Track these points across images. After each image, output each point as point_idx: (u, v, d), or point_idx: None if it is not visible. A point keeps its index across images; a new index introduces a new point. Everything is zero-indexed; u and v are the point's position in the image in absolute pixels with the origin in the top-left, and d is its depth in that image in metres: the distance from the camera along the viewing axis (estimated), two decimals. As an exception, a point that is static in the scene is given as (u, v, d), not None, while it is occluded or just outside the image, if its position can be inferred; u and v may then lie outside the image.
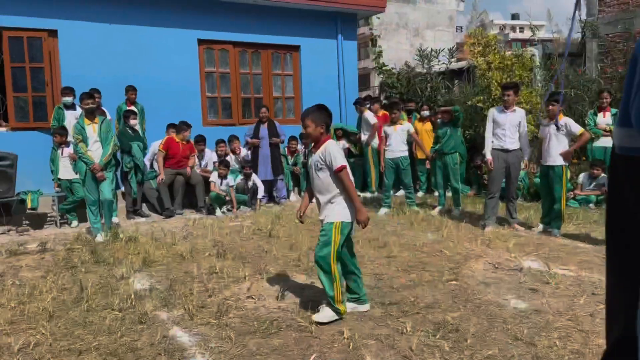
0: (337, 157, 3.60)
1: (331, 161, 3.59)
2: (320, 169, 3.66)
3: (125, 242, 6.25)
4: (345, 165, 3.60)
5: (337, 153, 3.63)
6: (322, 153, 3.65)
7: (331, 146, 3.67)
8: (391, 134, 8.04)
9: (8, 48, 8.17)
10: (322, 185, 3.67)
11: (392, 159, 8.04)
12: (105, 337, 3.52)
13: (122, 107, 8.54)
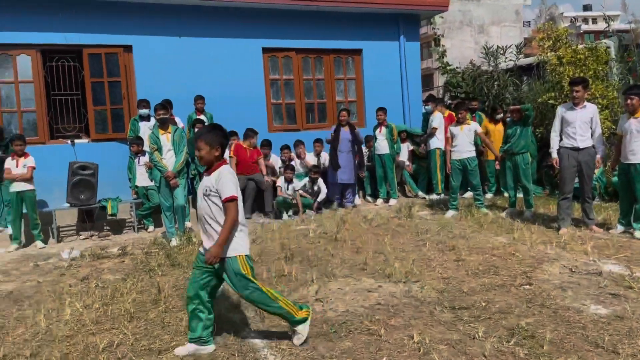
0: (229, 186, 3.27)
1: (221, 188, 3.26)
2: (209, 195, 3.32)
3: (198, 246, 6.48)
4: (236, 197, 3.26)
5: (230, 182, 3.29)
6: (216, 178, 3.31)
7: (225, 173, 3.32)
8: (457, 134, 7.88)
9: (88, 64, 8.74)
10: (211, 213, 3.31)
11: (458, 160, 7.87)
12: (182, 338, 3.67)
13: (192, 116, 8.90)
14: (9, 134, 7.99)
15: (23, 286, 5.32)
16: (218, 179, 3.29)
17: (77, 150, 8.46)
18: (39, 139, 8.56)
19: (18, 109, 8.53)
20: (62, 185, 7.80)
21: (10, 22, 8.21)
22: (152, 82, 8.91)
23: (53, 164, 7.93)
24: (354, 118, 10.92)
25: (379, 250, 5.82)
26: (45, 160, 7.75)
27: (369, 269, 5.13)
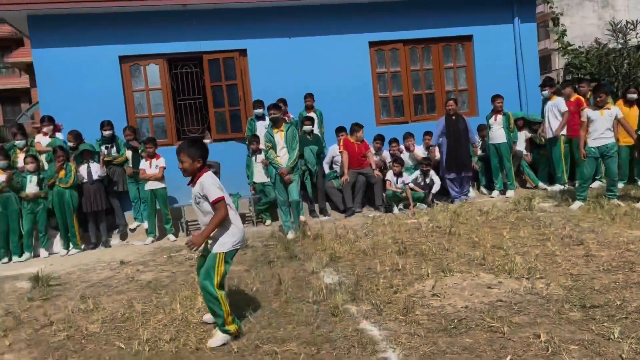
0: (212, 190, 3.64)
1: (207, 194, 3.64)
2: (199, 202, 3.74)
3: (313, 240, 6.70)
4: (221, 198, 3.64)
5: (212, 186, 3.65)
6: (200, 186, 3.67)
7: (206, 179, 3.68)
8: (596, 119, 7.24)
9: (208, 70, 9.35)
10: (202, 216, 3.80)
11: (597, 147, 7.25)
12: (304, 328, 3.84)
13: (303, 114, 9.17)
14: (143, 137, 8.81)
15: (160, 276, 5.86)
16: (202, 187, 3.66)
17: (200, 150, 9.10)
18: (167, 141, 9.33)
19: (149, 114, 9.38)
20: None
21: (140, 35, 9.03)
22: (265, 83, 9.32)
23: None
24: (465, 107, 10.56)
25: (497, 245, 5.60)
26: (174, 160, 8.32)
27: (487, 264, 4.96)
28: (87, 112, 8.55)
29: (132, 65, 9.22)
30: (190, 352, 3.61)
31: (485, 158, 9.36)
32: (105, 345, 3.90)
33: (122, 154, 8.35)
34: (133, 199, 8.41)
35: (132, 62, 9.20)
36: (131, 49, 9.06)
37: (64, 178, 7.61)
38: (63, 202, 7.61)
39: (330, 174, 9.04)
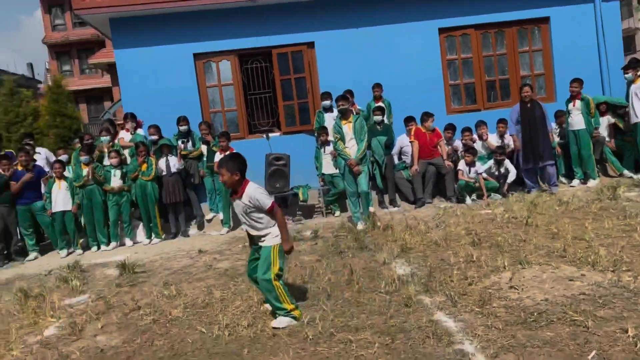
0: (263, 199, 3.86)
1: (259, 205, 3.84)
2: (249, 213, 3.91)
3: (383, 230, 6.69)
4: (273, 203, 3.88)
5: (261, 196, 3.88)
6: (249, 199, 3.86)
7: (253, 192, 3.87)
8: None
9: (277, 64, 9.52)
10: (256, 223, 3.95)
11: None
12: (377, 317, 3.86)
13: (371, 104, 9.13)
14: (216, 131, 9.12)
15: (235, 264, 6.08)
16: (251, 199, 3.86)
17: (271, 143, 9.33)
18: (239, 135, 9.62)
19: (222, 109, 9.69)
20: (260, 175, 8.64)
21: (213, 32, 9.33)
22: (333, 75, 9.37)
23: (252, 156, 8.64)
24: (542, 92, 10.09)
25: (578, 236, 5.34)
26: (245, 153, 8.43)
27: (568, 256, 4.75)
28: (165, 109, 8.97)
29: (205, 62, 9.55)
30: (268, 337, 3.73)
31: (565, 145, 8.91)
32: (187, 329, 4.11)
33: (197, 148, 8.70)
34: (209, 191, 8.74)
35: (205, 59, 9.53)
36: (204, 47, 9.39)
37: (145, 171, 8.04)
38: (145, 194, 8.05)
39: (400, 165, 8.96)
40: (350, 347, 3.40)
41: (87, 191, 7.93)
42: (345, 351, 3.36)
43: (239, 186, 3.92)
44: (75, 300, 5.23)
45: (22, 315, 4.87)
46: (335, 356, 3.31)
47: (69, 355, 3.83)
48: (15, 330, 4.47)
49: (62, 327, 4.45)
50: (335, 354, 3.34)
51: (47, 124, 18.10)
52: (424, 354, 3.19)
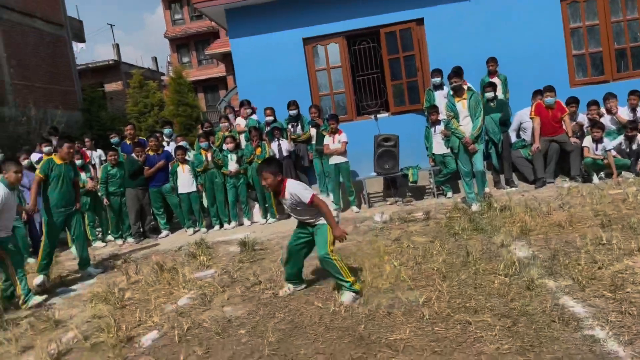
0: (303, 194, 4.17)
1: (301, 200, 4.15)
2: (295, 208, 4.29)
3: (500, 211, 6.41)
4: (314, 196, 4.16)
5: (302, 191, 4.19)
6: (291, 196, 4.20)
7: (293, 188, 4.22)
8: None
9: (385, 43, 9.43)
10: (306, 215, 4.33)
11: None
12: (496, 300, 3.74)
13: (485, 80, 8.72)
14: (325, 114, 9.27)
15: (347, 244, 6.13)
16: (292, 195, 4.19)
17: (379, 124, 9.30)
18: (348, 117, 9.70)
19: (330, 92, 9.82)
20: (369, 157, 8.68)
21: (321, 16, 9.45)
22: (443, 51, 9.07)
23: (361, 138, 8.85)
24: (685, 59, 8.98)
25: None
26: (353, 135, 8.70)
27: None
28: (276, 94, 9.28)
29: (314, 46, 9.72)
30: (383, 315, 3.77)
31: None
32: (305, 304, 4.28)
33: (306, 131, 8.92)
34: (318, 173, 8.95)
35: (314, 43, 9.70)
36: (313, 31, 9.55)
37: (260, 155, 8.41)
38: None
39: (518, 143, 8.49)
40: (469, 328, 3.34)
41: (208, 174, 8.49)
42: (464, 332, 3.30)
43: (280, 186, 4.25)
44: (203, 274, 5.66)
45: (159, 286, 5.38)
46: (454, 337, 3.27)
47: (200, 323, 4.17)
48: (153, 299, 4.96)
49: (193, 297, 4.85)
50: (453, 334, 3.30)
51: (171, 113, 19.55)
52: (549, 338, 3.04)
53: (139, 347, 3.88)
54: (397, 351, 3.19)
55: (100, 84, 25.04)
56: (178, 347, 3.78)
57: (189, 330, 4.04)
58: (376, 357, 3.16)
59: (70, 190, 6.44)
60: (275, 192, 4.35)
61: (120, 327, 4.20)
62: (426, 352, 3.14)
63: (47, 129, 13.39)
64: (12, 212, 5.55)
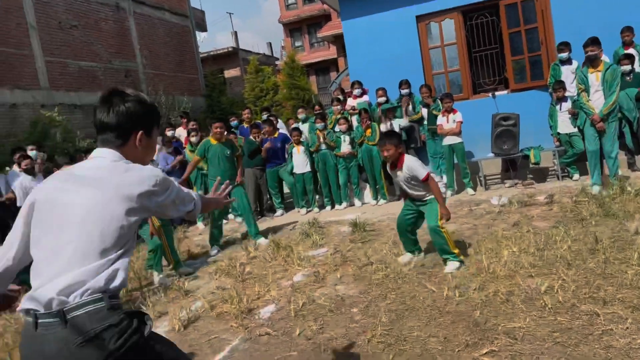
0: (419, 170, 4.46)
1: (416, 174, 4.45)
2: (409, 181, 4.56)
3: (635, 196, 5.84)
4: (428, 173, 4.43)
5: (419, 167, 4.47)
6: (408, 170, 4.48)
7: (411, 163, 4.49)
8: None
9: (505, 16, 8.88)
10: (416, 188, 4.60)
11: None
12: (629, 291, 3.44)
13: (619, 51, 7.89)
14: (439, 93, 9.01)
15: (461, 228, 6.02)
16: (409, 169, 4.47)
17: (497, 102, 8.84)
18: (463, 95, 9.33)
19: (445, 70, 9.51)
20: (486, 137, 8.30)
21: (436, -8, 9.14)
22: (571, 22, 8.33)
23: (477, 117, 8.48)
24: None
25: None
26: (470, 114, 8.35)
27: None
28: (388, 73, 9.16)
29: (427, 24, 9.44)
30: (500, 302, 3.64)
31: None
32: (417, 286, 4.26)
33: (417, 111, 8.73)
34: (432, 154, 8.75)
35: (427, 20, 9.42)
36: (427, 7, 9.26)
37: (370, 136, 8.41)
38: (371, 157, 8.44)
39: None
40: (597, 320, 3.12)
41: (320, 155, 8.68)
42: (591, 324, 3.09)
43: (399, 158, 4.52)
44: (317, 252, 5.84)
45: (275, 263, 5.66)
46: (579, 328, 3.07)
47: (315, 299, 4.33)
48: (271, 274, 5.22)
49: (307, 274, 5.03)
50: (579, 325, 3.10)
51: (284, 96, 20.22)
52: (693, 337, 2.74)
53: (258, 319, 4.12)
54: (516, 339, 3.07)
55: (220, 70, 26.52)
56: (294, 321, 3.96)
57: (304, 306, 4.21)
58: (493, 344, 3.07)
59: (228, 167, 7.00)
60: (392, 164, 4.61)
61: (241, 299, 4.49)
62: (548, 342, 2.98)
63: (177, 114, 14.55)
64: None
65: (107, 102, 1.86)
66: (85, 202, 1.68)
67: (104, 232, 1.66)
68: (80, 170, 1.79)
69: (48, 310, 1.59)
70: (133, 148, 1.88)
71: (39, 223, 1.72)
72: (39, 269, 1.67)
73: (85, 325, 1.58)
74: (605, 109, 6.29)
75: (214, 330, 4.08)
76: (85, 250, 1.64)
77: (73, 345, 1.56)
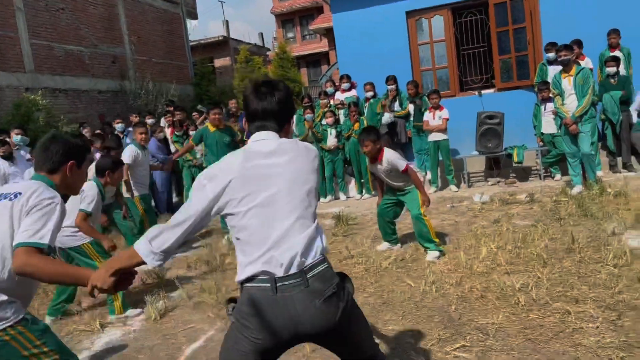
0: (398, 162, 4.64)
1: (397, 167, 4.63)
2: (389, 174, 4.74)
3: (614, 197, 5.92)
4: (407, 164, 4.66)
5: (397, 159, 4.66)
6: (388, 163, 4.65)
7: (390, 156, 4.67)
8: None
9: (494, 15, 8.92)
10: (397, 181, 4.81)
11: None
12: (602, 291, 3.50)
13: (605, 54, 7.98)
14: (426, 90, 9.03)
15: (442, 224, 6.07)
16: (389, 163, 4.63)
17: (483, 100, 8.88)
18: (450, 93, 9.37)
19: (433, 67, 9.53)
20: (471, 134, 8.35)
21: (426, -12, 9.15)
22: (559, 24, 8.37)
23: (463, 114, 8.51)
24: None
25: None
26: (456, 111, 8.39)
27: None
28: (377, 68, 9.16)
29: (417, 20, 9.45)
30: (475, 298, 3.68)
31: None
32: (396, 280, 4.29)
33: (404, 107, 8.75)
34: (417, 150, 8.78)
35: (417, 17, 9.43)
36: (417, 3, 9.27)
37: (358, 130, 8.42)
38: (358, 151, 8.45)
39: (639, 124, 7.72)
40: (568, 318, 3.17)
41: (308, 148, 8.68)
42: (562, 322, 3.14)
43: (378, 153, 4.67)
44: (298, 244, 5.84)
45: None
46: (550, 325, 3.12)
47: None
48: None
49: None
50: (550, 323, 3.15)
51: (274, 87, 20.12)
52: (659, 337, 2.80)
53: (236, 309, 4.12)
54: (488, 335, 3.11)
55: (210, 59, 26.30)
56: (272, 311, 3.97)
57: (283, 297, 4.22)
58: (465, 339, 3.11)
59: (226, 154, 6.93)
60: (372, 159, 4.76)
61: (219, 289, 4.49)
62: (519, 338, 3.03)
63: (163, 102, 14.42)
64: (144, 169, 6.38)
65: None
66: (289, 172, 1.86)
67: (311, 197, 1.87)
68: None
69: (287, 272, 1.71)
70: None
71: (248, 195, 1.80)
72: (260, 236, 1.76)
73: (324, 282, 1.74)
74: (577, 112, 6.34)
75: (190, 320, 4.08)
76: (304, 215, 1.81)
77: (319, 302, 1.71)
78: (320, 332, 1.76)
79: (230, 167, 1.85)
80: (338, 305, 1.76)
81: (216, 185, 1.81)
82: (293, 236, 1.75)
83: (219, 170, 1.86)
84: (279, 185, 1.81)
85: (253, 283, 1.74)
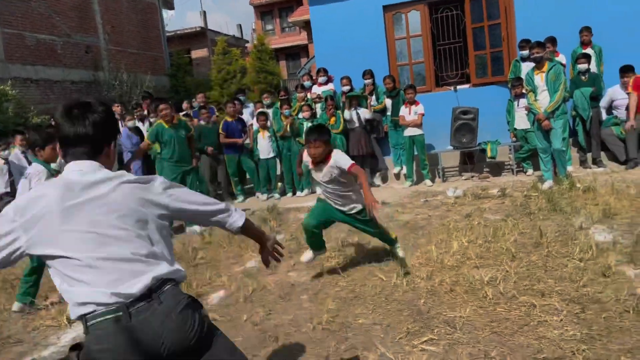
0: (344, 159, 3.99)
1: (342, 166, 3.94)
2: (334, 178, 4.06)
3: (583, 192, 6.05)
4: (353, 163, 3.95)
5: (343, 156, 4.05)
6: (334, 162, 3.99)
7: (338, 155, 4.06)
8: None
9: (469, 10, 8.98)
10: (343, 188, 4.15)
11: None
12: (567, 284, 3.57)
13: (577, 51, 8.12)
14: (402, 85, 9.06)
15: (416, 218, 6.12)
16: (334, 162, 3.98)
17: (459, 95, 8.96)
18: (426, 88, 9.42)
19: (409, 62, 9.57)
20: (446, 129, 8.42)
21: (403, -18, 9.15)
22: (534, 22, 8.47)
23: (439, 110, 8.56)
24: None
25: None
26: (431, 106, 8.44)
27: None
28: (354, 62, 9.12)
29: (394, 14, 9.46)
30: (445, 292, 3.72)
31: None
32: (368, 275, 4.32)
33: (381, 101, 8.77)
34: (393, 145, 8.83)
35: (394, 11, 9.43)
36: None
37: (334, 124, 8.42)
38: (334, 146, 8.45)
39: (609, 120, 7.88)
40: (533, 311, 3.23)
41: (286, 143, 8.64)
42: (527, 315, 3.20)
43: (327, 156, 4.05)
44: (272, 238, 5.83)
45: (230, 248, 5.63)
46: (516, 318, 3.17)
47: (265, 285, 4.34)
48: (223, 260, 5.20)
49: (260, 261, 5.02)
50: (515, 316, 3.20)
51: (252, 80, 19.96)
52: (620, 328, 2.88)
53: (207, 304, 4.10)
54: (455, 328, 3.16)
55: (187, 50, 25.97)
56: (242, 306, 3.96)
57: (254, 292, 4.21)
58: (433, 332, 3.15)
59: (185, 150, 6.83)
60: (319, 162, 4.10)
61: (190, 284, 4.46)
62: (485, 331, 3.08)
63: (139, 93, 14.19)
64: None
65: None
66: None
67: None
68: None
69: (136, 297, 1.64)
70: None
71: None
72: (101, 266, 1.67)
73: (175, 296, 1.71)
74: (548, 108, 6.46)
75: (161, 314, 4.04)
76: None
77: (174, 314, 1.66)
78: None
79: (48, 201, 1.67)
80: (195, 311, 1.72)
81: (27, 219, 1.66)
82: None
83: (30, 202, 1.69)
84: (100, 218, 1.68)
85: (103, 316, 1.62)
